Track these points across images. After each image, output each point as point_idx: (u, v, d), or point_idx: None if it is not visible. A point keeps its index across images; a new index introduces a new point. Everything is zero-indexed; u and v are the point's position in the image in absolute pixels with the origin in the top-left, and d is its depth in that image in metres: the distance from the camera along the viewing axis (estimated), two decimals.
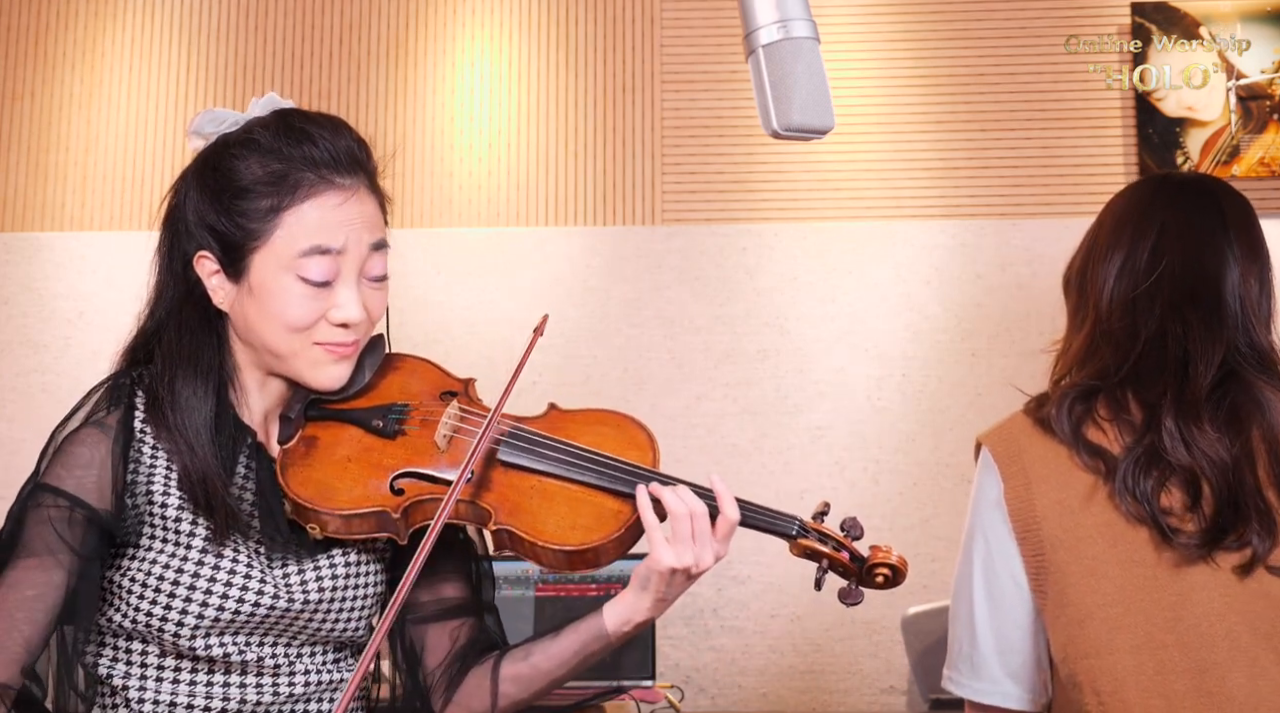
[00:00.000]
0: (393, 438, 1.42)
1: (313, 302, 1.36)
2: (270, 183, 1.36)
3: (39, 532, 1.33)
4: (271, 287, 1.35)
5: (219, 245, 1.38)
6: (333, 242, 1.36)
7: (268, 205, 1.35)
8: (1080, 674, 1.46)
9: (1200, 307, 1.54)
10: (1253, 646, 1.41)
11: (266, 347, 1.39)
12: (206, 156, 1.42)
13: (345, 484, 1.37)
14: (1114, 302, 1.57)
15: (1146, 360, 1.53)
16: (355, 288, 1.38)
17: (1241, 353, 1.52)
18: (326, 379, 1.40)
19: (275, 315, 1.36)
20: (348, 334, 1.39)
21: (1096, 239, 1.64)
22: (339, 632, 1.43)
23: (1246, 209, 1.61)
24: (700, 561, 1.36)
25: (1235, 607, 1.42)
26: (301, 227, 1.35)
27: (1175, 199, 1.61)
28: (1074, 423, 1.51)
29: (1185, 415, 1.48)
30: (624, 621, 1.41)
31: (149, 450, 1.38)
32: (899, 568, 1.42)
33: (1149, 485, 1.45)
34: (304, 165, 1.37)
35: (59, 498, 1.34)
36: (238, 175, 1.37)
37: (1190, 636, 1.42)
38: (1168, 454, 1.46)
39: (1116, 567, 1.45)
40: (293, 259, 1.35)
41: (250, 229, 1.36)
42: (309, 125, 1.40)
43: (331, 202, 1.37)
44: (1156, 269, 1.56)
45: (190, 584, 1.33)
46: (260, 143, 1.38)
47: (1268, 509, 1.43)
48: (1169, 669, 1.42)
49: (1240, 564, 1.42)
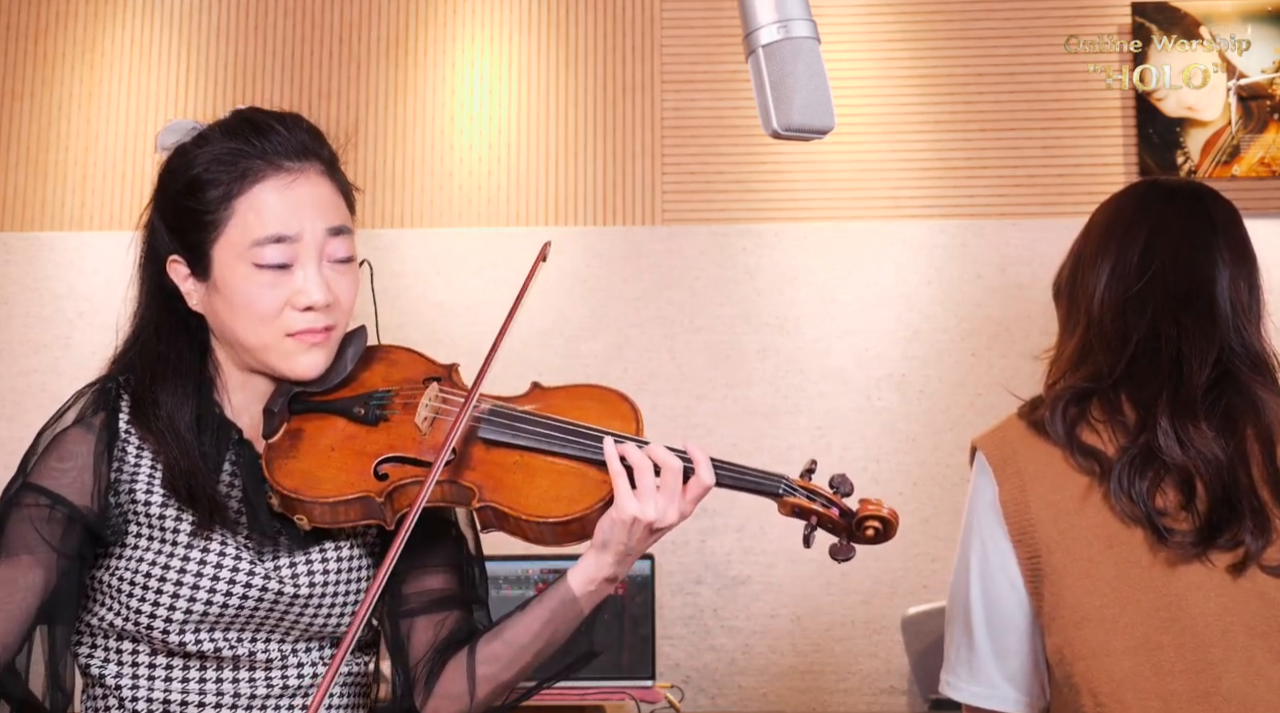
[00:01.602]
0: (375, 424, 1.40)
1: (274, 289, 1.36)
2: (219, 173, 1.37)
3: (19, 530, 1.33)
4: (232, 278, 1.36)
5: (183, 245, 1.39)
6: (285, 228, 1.36)
7: (219, 194, 1.36)
8: (1077, 676, 1.46)
9: (1192, 308, 1.54)
10: (1249, 645, 1.41)
11: (239, 342, 1.39)
12: (165, 163, 1.45)
13: (329, 473, 1.36)
14: (1105, 306, 1.58)
15: (1140, 362, 1.53)
16: (316, 270, 1.37)
17: (1236, 353, 1.53)
18: (302, 369, 1.40)
19: (240, 307, 1.36)
20: (316, 318, 1.38)
21: (1085, 246, 1.65)
22: (331, 626, 1.42)
23: (1233, 213, 1.63)
24: (664, 515, 1.34)
25: (1231, 607, 1.42)
26: (253, 213, 1.35)
27: (1163, 204, 1.62)
28: (1068, 425, 1.51)
29: (1181, 414, 1.48)
30: (588, 579, 1.39)
31: (134, 450, 1.39)
32: (890, 520, 1.38)
33: (1144, 486, 1.45)
34: (251, 153, 1.37)
35: (40, 496, 1.34)
36: (189, 171, 1.38)
37: (1187, 636, 1.42)
38: (1162, 453, 1.46)
39: (1112, 568, 1.45)
40: (247, 248, 1.35)
41: (205, 222, 1.37)
42: (257, 117, 1.42)
43: (279, 183, 1.37)
44: (1147, 272, 1.56)
45: (177, 579, 1.33)
46: (208, 138, 1.40)
47: (1261, 508, 1.43)
48: (1166, 670, 1.42)
49: (1234, 563, 1.42)
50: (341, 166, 1.47)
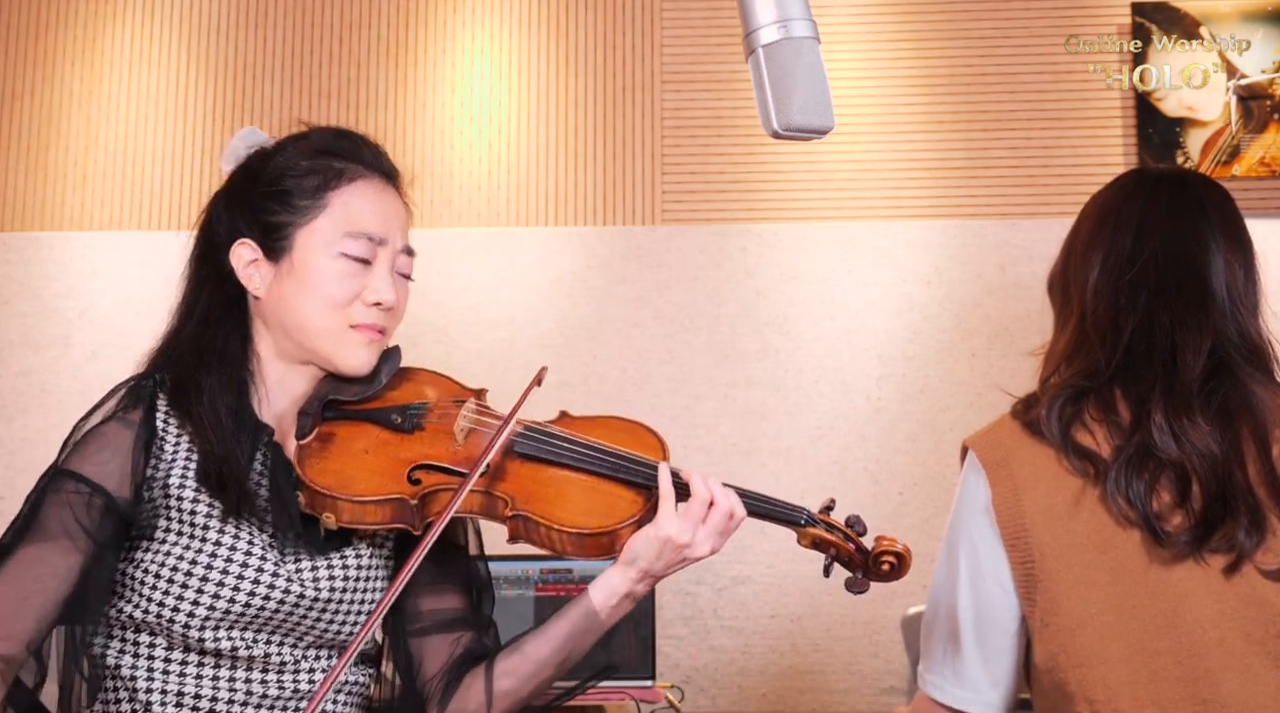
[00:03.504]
0: (410, 433, 1.45)
1: (352, 279, 1.43)
2: (317, 168, 1.45)
3: (57, 515, 1.35)
4: (312, 263, 1.42)
5: (259, 228, 1.45)
6: (376, 230, 1.44)
7: (317, 183, 1.44)
8: (1071, 684, 1.44)
9: (1186, 295, 1.52)
10: (1245, 651, 1.40)
11: (301, 325, 1.43)
12: (246, 162, 1.51)
13: (363, 474, 1.40)
14: (1098, 296, 1.55)
15: (1134, 354, 1.51)
16: (390, 274, 1.45)
17: (1233, 343, 1.50)
18: (355, 361, 1.45)
19: (314, 289, 1.42)
20: (379, 317, 1.45)
21: (1076, 237, 1.63)
22: (345, 634, 1.44)
23: (1226, 198, 1.60)
24: (698, 546, 1.39)
25: (1227, 613, 1.40)
26: (350, 207, 1.44)
27: (1153, 191, 1.60)
28: (1063, 425, 1.49)
29: (1175, 408, 1.46)
30: (611, 593, 1.42)
31: (170, 446, 1.41)
32: (904, 556, 1.43)
33: (1141, 486, 1.43)
34: (348, 157, 1.47)
35: (80, 484, 1.36)
36: (284, 162, 1.47)
37: (1183, 643, 1.41)
38: (1157, 449, 1.44)
39: (1107, 574, 1.44)
40: (338, 238, 1.43)
41: (296, 207, 1.44)
42: (353, 134, 1.51)
43: (373, 190, 1.47)
44: (1139, 260, 1.54)
45: (203, 575, 1.35)
46: (308, 138, 1.49)
47: (1257, 506, 1.41)
48: (1162, 677, 1.41)
49: (1228, 564, 1.41)
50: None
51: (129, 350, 1.50)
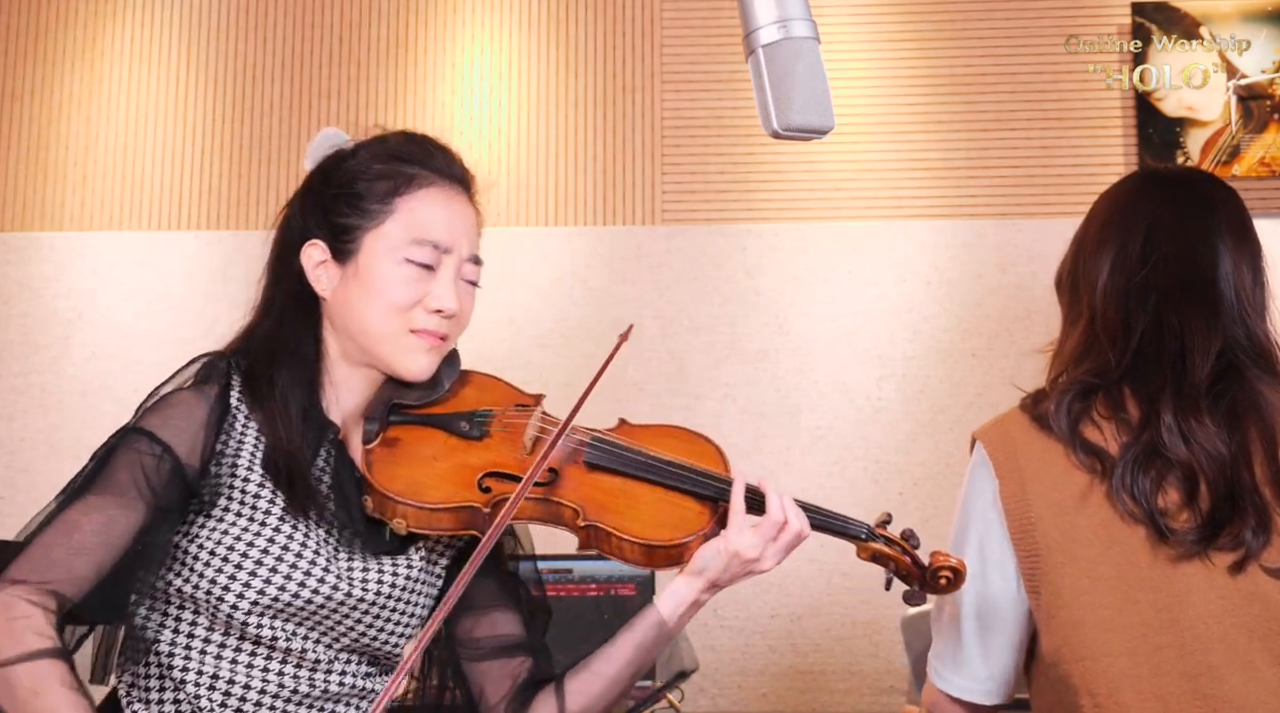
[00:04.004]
0: (478, 440, 1.46)
1: (415, 284, 1.44)
2: (388, 173, 1.46)
3: (127, 470, 1.35)
4: (377, 265, 1.44)
5: (329, 230, 1.46)
6: (443, 237, 1.46)
7: (385, 188, 1.46)
8: (1075, 677, 1.45)
9: (1195, 297, 1.52)
10: (1248, 648, 1.40)
11: (364, 329, 1.45)
12: (324, 163, 1.52)
13: (434, 481, 1.41)
14: (1108, 296, 1.56)
15: (1144, 353, 1.51)
16: (453, 282, 1.46)
17: (1241, 346, 1.51)
18: (415, 367, 1.46)
19: (378, 293, 1.43)
20: (440, 324, 1.46)
21: (1085, 236, 1.63)
22: (380, 642, 1.44)
23: (1236, 200, 1.60)
24: (765, 561, 1.44)
25: (1231, 609, 1.41)
26: (417, 214, 1.45)
27: (1163, 192, 1.60)
28: (1071, 421, 1.50)
29: (1184, 409, 1.47)
30: (679, 603, 1.45)
31: (240, 425, 1.42)
32: (960, 570, 1.47)
33: (1147, 484, 1.44)
34: (419, 162, 1.48)
35: (153, 444, 1.37)
36: (357, 165, 1.48)
37: (1186, 638, 1.41)
38: (1166, 449, 1.45)
39: (1112, 569, 1.45)
40: (404, 244, 1.44)
41: (366, 210, 1.45)
42: (423, 137, 1.53)
43: (444, 197, 1.48)
44: (1149, 261, 1.54)
45: (258, 560, 1.36)
46: (383, 142, 1.51)
47: (1264, 506, 1.42)
48: (1165, 672, 1.42)
49: (1234, 562, 1.41)
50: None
51: (129, 350, 1.51)
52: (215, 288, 3.52)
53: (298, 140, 3.61)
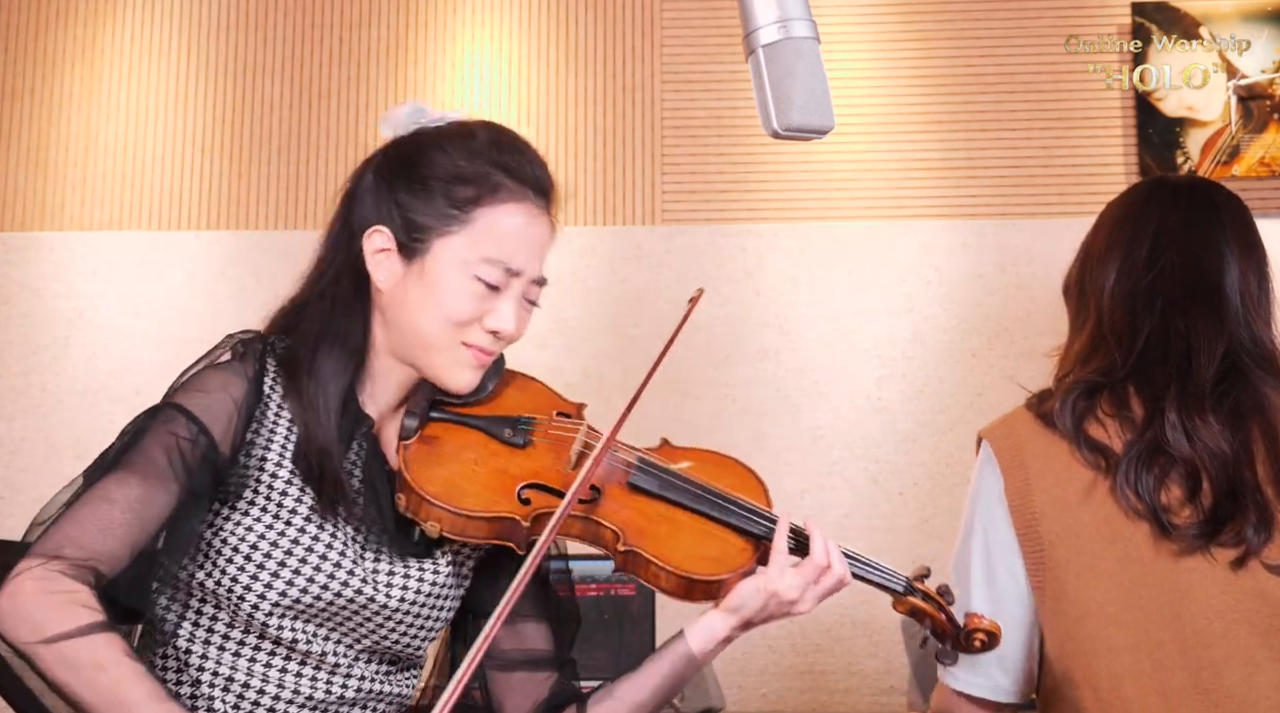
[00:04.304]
0: (521, 448, 1.43)
1: (478, 302, 1.39)
2: (474, 176, 1.39)
3: (162, 450, 1.30)
4: (446, 276, 1.38)
5: (401, 222, 1.40)
6: (515, 261, 1.40)
7: (470, 195, 1.39)
8: (1077, 672, 1.46)
9: (1201, 302, 1.55)
10: (1250, 643, 1.41)
11: (417, 332, 1.40)
12: (406, 142, 1.44)
13: (474, 487, 1.37)
14: (1115, 300, 1.58)
15: (1149, 355, 1.53)
16: (517, 304, 1.42)
17: (1246, 348, 1.53)
18: (460, 382, 1.42)
19: (439, 304, 1.38)
20: (494, 343, 1.43)
21: (1093, 243, 1.66)
22: (402, 644, 1.42)
23: (1241, 208, 1.63)
24: (803, 604, 1.41)
25: (1232, 604, 1.42)
26: (495, 231, 1.39)
27: (1170, 200, 1.63)
28: (1076, 418, 1.52)
29: (1189, 407, 1.48)
30: (710, 638, 1.44)
31: (272, 415, 1.38)
32: (995, 633, 1.44)
33: (1150, 480, 1.45)
34: (505, 173, 1.40)
35: (190, 423, 1.32)
36: (444, 160, 1.40)
37: (1188, 633, 1.43)
38: (1169, 446, 1.46)
39: (1114, 564, 1.46)
40: (476, 260, 1.38)
41: (445, 213, 1.39)
42: (519, 141, 1.45)
43: (524, 217, 1.41)
44: (1155, 267, 1.57)
45: (281, 560, 1.33)
46: (473, 137, 1.42)
47: (1266, 504, 1.44)
48: (1167, 667, 1.43)
49: (1235, 559, 1.43)
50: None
51: (129, 350, 1.49)
52: (215, 288, 3.52)
53: (298, 140, 3.61)
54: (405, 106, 1.47)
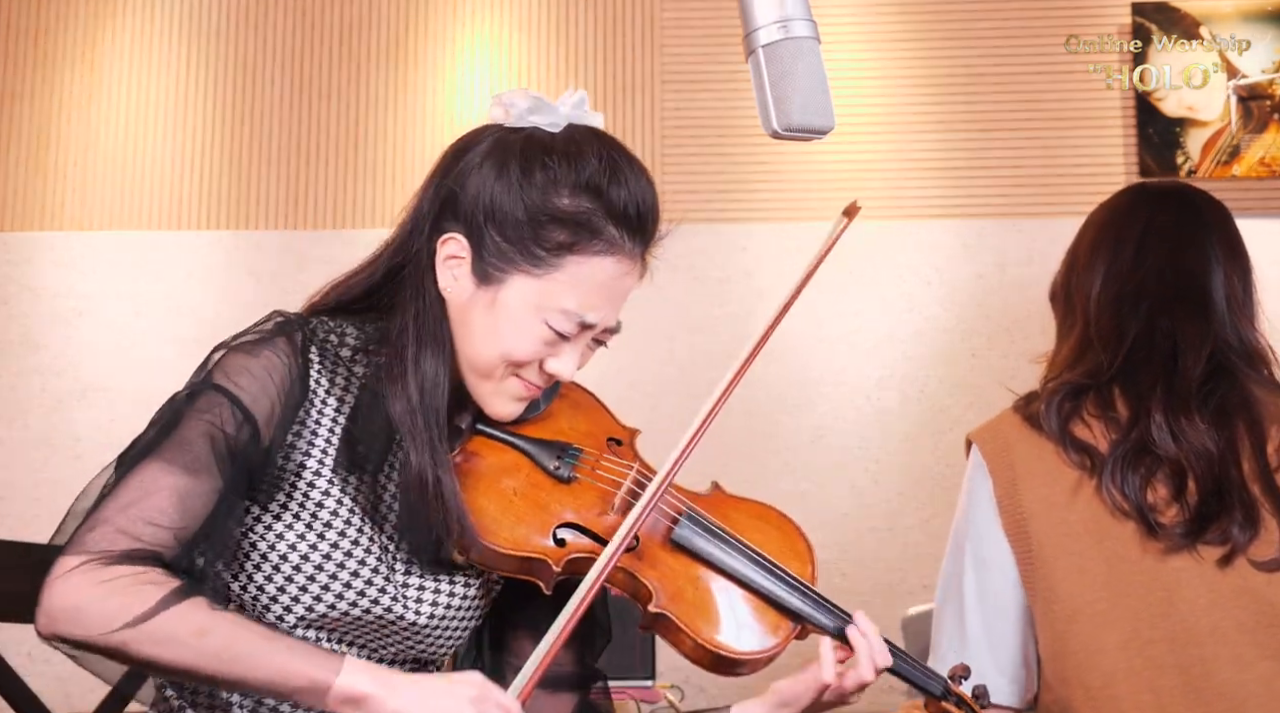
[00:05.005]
0: (565, 483, 1.36)
1: (542, 346, 1.33)
2: (573, 218, 1.31)
3: (205, 439, 1.22)
4: (515, 315, 1.31)
5: (483, 240, 1.32)
6: (593, 316, 1.34)
7: (560, 240, 1.31)
8: (1069, 671, 1.47)
9: (1187, 304, 1.56)
10: (1239, 641, 1.42)
11: (471, 357, 1.34)
12: (521, 149, 1.35)
13: (509, 520, 1.31)
14: (1101, 305, 1.60)
15: (1135, 357, 1.54)
16: (579, 351, 1.37)
17: (1232, 347, 1.54)
18: (503, 411, 1.36)
19: (502, 339, 1.32)
20: (547, 382, 1.37)
21: (1079, 249, 1.67)
22: (427, 654, 1.39)
23: (1224, 212, 1.65)
24: (842, 700, 1.42)
25: (1221, 602, 1.43)
26: (577, 287, 1.33)
27: (1154, 205, 1.65)
28: (1062, 420, 1.53)
29: (1175, 407, 1.49)
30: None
31: (315, 415, 1.31)
32: None
33: (1136, 480, 1.46)
34: (609, 216, 1.33)
35: (234, 409, 1.23)
36: (548, 193, 1.32)
37: (1178, 631, 1.43)
38: (1155, 446, 1.47)
39: (1103, 564, 1.47)
40: (552, 309, 1.32)
41: (531, 253, 1.31)
42: (629, 169, 1.36)
43: (615, 270, 1.36)
44: (1141, 270, 1.58)
45: (311, 574, 1.27)
46: (584, 166, 1.33)
47: (1251, 502, 1.45)
48: (1157, 665, 1.43)
49: (1222, 556, 1.43)
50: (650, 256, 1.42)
51: (129, 350, 1.48)
52: (215, 288, 3.52)
53: (298, 140, 3.61)
54: (524, 99, 1.38)
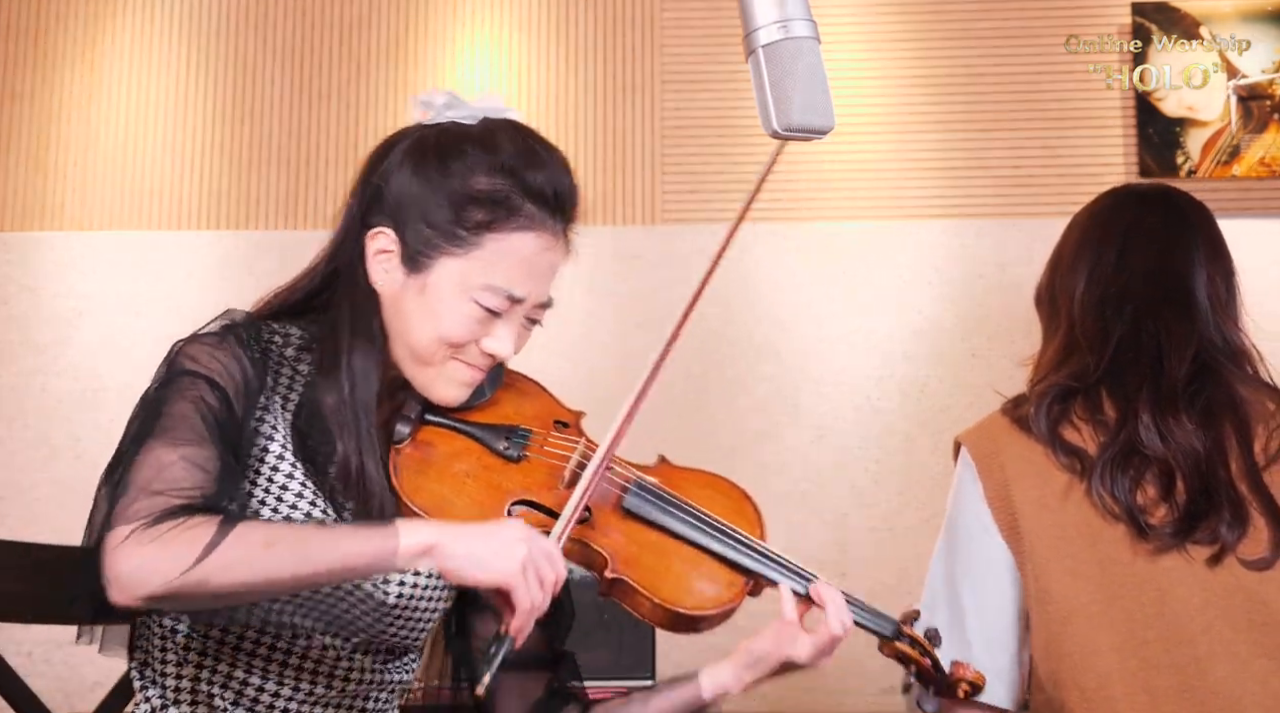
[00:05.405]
0: (515, 462, 1.40)
1: (476, 326, 1.37)
2: (491, 198, 1.36)
3: (195, 412, 1.25)
4: (446, 296, 1.36)
5: (410, 230, 1.36)
6: (520, 291, 1.38)
7: (480, 219, 1.36)
8: (1064, 673, 1.47)
9: (1171, 305, 1.57)
10: (1233, 639, 1.43)
11: (409, 345, 1.38)
12: (436, 141, 1.40)
13: (462, 501, 1.35)
14: (1086, 306, 1.60)
15: (1121, 358, 1.55)
16: (515, 329, 1.41)
17: (1217, 346, 1.55)
18: (448, 395, 1.40)
19: (436, 322, 1.36)
20: (488, 362, 1.41)
21: (1063, 251, 1.68)
22: (398, 639, 1.41)
23: (1206, 213, 1.66)
24: (809, 664, 1.45)
25: (1213, 602, 1.43)
26: (501, 262, 1.37)
27: (1136, 206, 1.66)
28: (1051, 423, 1.53)
29: (1162, 407, 1.50)
30: (720, 689, 1.47)
31: (278, 406, 1.35)
32: (979, 684, 1.43)
33: (1126, 482, 1.47)
34: (526, 194, 1.39)
35: (211, 388, 1.26)
36: (465, 178, 1.37)
37: (1171, 631, 1.44)
38: (1144, 447, 1.48)
39: (1095, 566, 1.47)
40: (479, 286, 1.36)
41: (454, 234, 1.36)
42: (544, 152, 1.43)
43: (537, 245, 1.40)
44: (1125, 272, 1.59)
45: None
46: (499, 148, 1.39)
47: (1239, 501, 1.45)
48: (1152, 665, 1.44)
49: (1211, 555, 1.44)
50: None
51: (129, 350, 1.48)
52: (215, 288, 3.52)
53: (298, 140, 3.61)
54: (442, 96, 1.43)
